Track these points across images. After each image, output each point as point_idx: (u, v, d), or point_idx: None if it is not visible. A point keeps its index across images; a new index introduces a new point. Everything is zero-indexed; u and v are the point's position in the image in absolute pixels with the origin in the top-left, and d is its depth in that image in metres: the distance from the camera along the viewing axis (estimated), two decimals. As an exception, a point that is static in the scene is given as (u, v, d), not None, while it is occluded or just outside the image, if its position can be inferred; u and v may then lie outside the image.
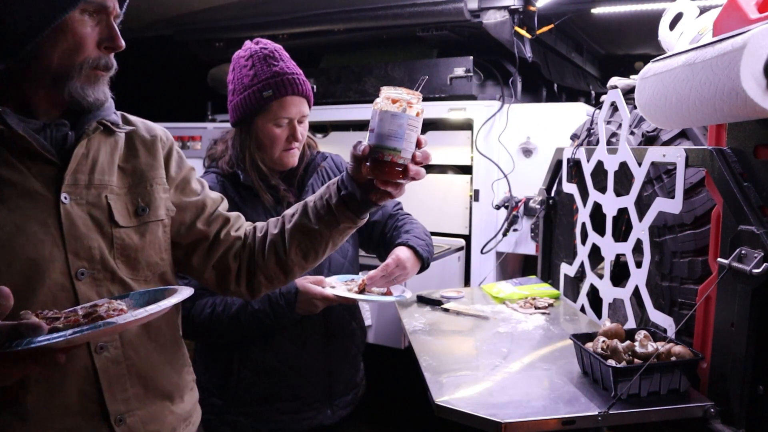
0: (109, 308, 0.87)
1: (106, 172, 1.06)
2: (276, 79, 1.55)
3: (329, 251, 1.22)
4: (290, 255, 1.20)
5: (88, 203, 1.03)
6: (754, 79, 1.03)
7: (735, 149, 1.25)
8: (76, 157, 1.02)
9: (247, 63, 1.58)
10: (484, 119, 2.77)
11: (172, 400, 1.14)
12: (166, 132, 1.24)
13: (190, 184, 1.23)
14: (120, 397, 1.04)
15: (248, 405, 1.61)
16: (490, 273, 2.79)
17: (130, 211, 1.08)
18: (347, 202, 1.13)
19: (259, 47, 1.60)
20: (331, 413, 1.67)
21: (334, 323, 1.68)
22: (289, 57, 1.63)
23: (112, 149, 1.09)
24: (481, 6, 2.70)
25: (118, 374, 1.04)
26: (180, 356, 1.20)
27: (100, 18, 0.99)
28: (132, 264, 1.08)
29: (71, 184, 1.01)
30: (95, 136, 1.06)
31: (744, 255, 1.16)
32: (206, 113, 3.75)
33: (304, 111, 1.61)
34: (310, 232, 1.17)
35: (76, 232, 1.00)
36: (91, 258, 1.01)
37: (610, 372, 1.23)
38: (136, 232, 1.08)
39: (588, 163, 1.87)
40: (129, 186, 1.10)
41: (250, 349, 1.61)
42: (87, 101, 1.00)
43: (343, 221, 1.14)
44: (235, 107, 1.61)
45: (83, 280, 1.00)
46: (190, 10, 3.13)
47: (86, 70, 0.99)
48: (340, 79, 3.18)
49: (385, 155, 1.02)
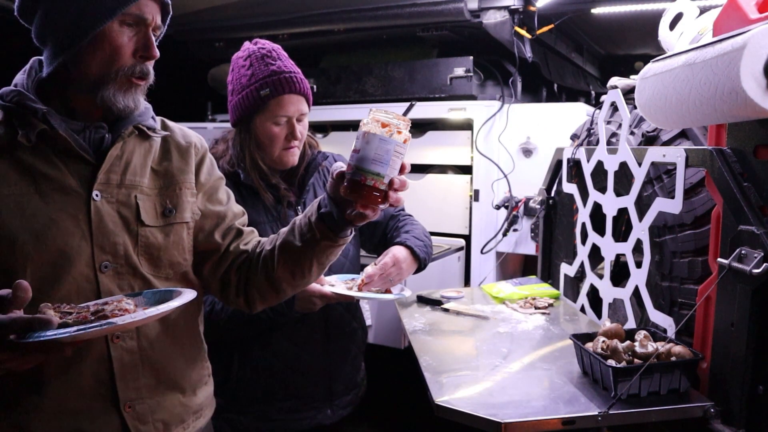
0: (116, 307, 0.93)
1: (138, 174, 1.13)
2: (273, 78, 1.55)
3: (317, 270, 1.21)
4: (278, 272, 1.20)
5: (117, 201, 1.09)
6: (754, 79, 1.03)
7: (735, 149, 1.25)
8: (110, 158, 1.09)
9: (245, 63, 1.59)
10: (484, 119, 2.77)
11: (183, 393, 1.19)
12: (202, 140, 1.29)
13: (218, 193, 1.28)
14: (132, 385, 1.09)
15: (248, 404, 1.61)
16: (490, 273, 2.79)
17: (158, 212, 1.15)
18: (326, 220, 1.13)
19: (257, 47, 1.61)
20: (331, 413, 1.67)
21: (335, 323, 1.68)
22: (287, 56, 1.63)
23: (146, 152, 1.16)
24: (481, 6, 2.70)
25: (132, 363, 1.09)
26: (196, 351, 1.25)
27: (139, 29, 1.06)
28: (154, 261, 1.14)
29: (103, 182, 1.08)
30: (130, 139, 1.13)
31: (744, 255, 1.16)
32: (206, 113, 3.75)
33: (303, 109, 1.61)
34: (294, 250, 1.17)
35: (104, 227, 1.07)
36: (115, 252, 1.08)
37: (610, 372, 1.23)
38: (160, 231, 1.14)
39: (588, 163, 1.87)
40: (160, 188, 1.16)
41: (250, 348, 1.61)
42: (117, 107, 1.07)
43: (322, 239, 1.14)
44: (234, 107, 1.62)
45: (106, 273, 1.07)
46: (190, 10, 3.13)
47: (121, 78, 1.05)
48: (340, 79, 3.18)
49: (368, 179, 1.01)
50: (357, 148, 1.02)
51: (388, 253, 1.68)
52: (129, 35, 1.05)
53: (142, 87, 1.10)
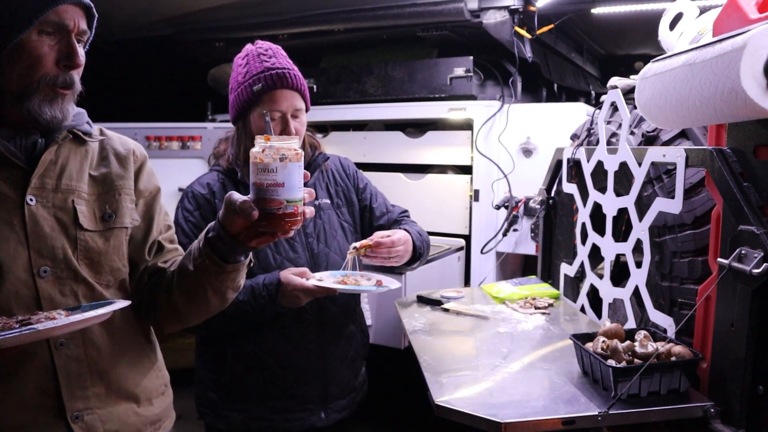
0: (45, 317, 0.92)
1: (74, 178, 1.10)
2: (266, 74, 1.56)
3: (214, 296, 1.15)
4: (175, 295, 1.16)
5: (54, 206, 1.07)
6: (754, 79, 1.03)
7: (735, 149, 1.25)
8: (44, 162, 1.06)
9: (242, 62, 1.61)
10: (484, 119, 2.77)
11: (138, 402, 1.15)
12: (141, 148, 1.27)
13: (155, 202, 1.25)
14: (79, 395, 1.06)
15: (241, 401, 1.62)
16: (490, 273, 2.79)
17: (97, 216, 1.12)
18: (212, 245, 1.07)
19: (256, 47, 1.62)
20: (325, 416, 1.66)
21: (329, 325, 1.67)
22: (284, 54, 1.64)
23: (83, 157, 1.13)
24: (481, 6, 2.70)
25: (79, 372, 1.06)
26: (147, 360, 1.21)
27: (61, 37, 1.02)
28: (95, 267, 1.11)
29: (38, 187, 1.05)
30: (65, 144, 1.11)
31: (744, 255, 1.16)
32: (206, 113, 3.76)
33: (297, 104, 1.60)
34: (188, 274, 1.13)
35: (40, 232, 1.04)
36: (54, 257, 1.05)
37: (610, 372, 1.23)
38: (100, 236, 1.12)
39: (588, 163, 1.87)
40: (98, 193, 1.14)
41: (243, 344, 1.61)
42: (43, 119, 1.03)
43: (211, 264, 1.08)
44: (232, 104, 1.63)
45: (45, 278, 1.04)
46: (190, 10, 3.13)
47: (44, 88, 1.01)
48: (340, 79, 3.18)
49: (289, 206, 0.99)
50: (271, 181, 0.97)
51: (398, 231, 1.67)
52: (50, 44, 1.01)
53: (68, 96, 1.05)
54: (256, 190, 0.98)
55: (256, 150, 0.99)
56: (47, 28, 1.00)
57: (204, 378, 1.67)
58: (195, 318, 1.21)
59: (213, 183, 1.63)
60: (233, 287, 1.16)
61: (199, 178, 1.67)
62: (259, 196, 0.98)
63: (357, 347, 1.77)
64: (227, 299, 1.18)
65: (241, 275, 1.15)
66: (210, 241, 1.08)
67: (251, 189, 1.00)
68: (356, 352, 1.76)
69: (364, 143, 3.19)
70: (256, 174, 0.98)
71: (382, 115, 3.13)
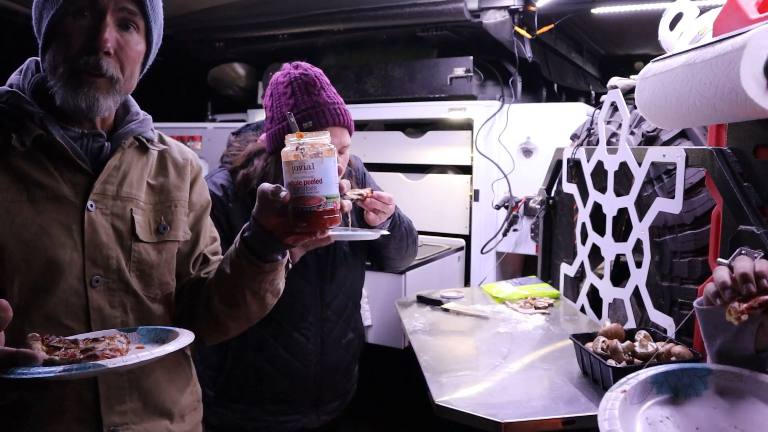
0: (107, 346, 0.87)
1: (134, 186, 1.07)
2: (317, 110, 1.49)
3: (254, 300, 1.11)
4: (213, 302, 1.12)
5: (112, 214, 1.04)
6: (754, 79, 1.03)
7: (735, 149, 1.25)
8: (108, 168, 1.03)
9: (287, 90, 1.52)
10: (484, 119, 2.77)
11: (171, 419, 1.13)
12: (197, 158, 1.24)
13: (204, 215, 1.23)
14: (117, 409, 1.03)
15: (236, 401, 1.62)
16: (490, 273, 2.79)
17: (152, 228, 1.09)
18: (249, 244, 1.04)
19: (299, 73, 1.53)
20: (316, 418, 1.67)
21: (330, 335, 1.66)
22: (329, 83, 1.57)
23: (144, 165, 1.10)
24: (481, 6, 2.70)
25: (119, 386, 1.03)
26: (184, 376, 1.19)
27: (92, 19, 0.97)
28: (146, 279, 1.08)
29: (99, 193, 1.02)
30: (129, 151, 1.08)
31: (744, 255, 1.16)
32: (206, 113, 3.76)
33: (345, 141, 1.55)
34: (226, 278, 1.10)
35: (97, 240, 1.01)
36: (107, 267, 1.02)
37: (610, 372, 1.23)
38: (154, 248, 1.09)
39: (588, 163, 1.87)
40: (155, 203, 1.11)
41: (244, 349, 1.61)
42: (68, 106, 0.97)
43: (249, 265, 1.05)
44: (274, 136, 1.54)
45: (97, 288, 1.01)
46: (190, 10, 3.13)
47: (67, 72, 0.96)
48: (340, 79, 3.18)
49: (329, 203, 0.95)
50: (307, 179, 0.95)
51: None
52: (81, 26, 0.96)
53: (98, 84, 0.97)
54: (293, 189, 0.95)
55: (288, 149, 0.96)
56: (82, 10, 0.95)
57: (202, 374, 1.65)
58: (234, 327, 1.17)
59: (227, 185, 1.57)
60: (272, 290, 1.12)
61: (212, 176, 1.61)
62: (296, 195, 0.95)
63: (353, 352, 1.76)
64: (267, 304, 1.14)
65: (279, 276, 1.11)
66: (246, 241, 1.04)
67: (288, 190, 0.96)
68: (352, 357, 1.75)
69: (364, 143, 3.19)
70: (292, 173, 0.95)
71: (382, 115, 3.13)
